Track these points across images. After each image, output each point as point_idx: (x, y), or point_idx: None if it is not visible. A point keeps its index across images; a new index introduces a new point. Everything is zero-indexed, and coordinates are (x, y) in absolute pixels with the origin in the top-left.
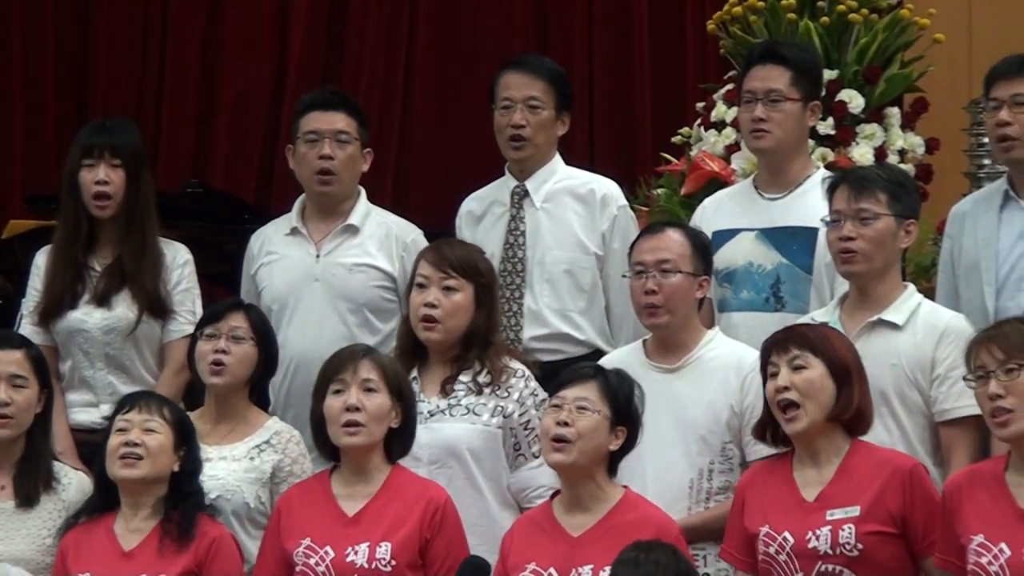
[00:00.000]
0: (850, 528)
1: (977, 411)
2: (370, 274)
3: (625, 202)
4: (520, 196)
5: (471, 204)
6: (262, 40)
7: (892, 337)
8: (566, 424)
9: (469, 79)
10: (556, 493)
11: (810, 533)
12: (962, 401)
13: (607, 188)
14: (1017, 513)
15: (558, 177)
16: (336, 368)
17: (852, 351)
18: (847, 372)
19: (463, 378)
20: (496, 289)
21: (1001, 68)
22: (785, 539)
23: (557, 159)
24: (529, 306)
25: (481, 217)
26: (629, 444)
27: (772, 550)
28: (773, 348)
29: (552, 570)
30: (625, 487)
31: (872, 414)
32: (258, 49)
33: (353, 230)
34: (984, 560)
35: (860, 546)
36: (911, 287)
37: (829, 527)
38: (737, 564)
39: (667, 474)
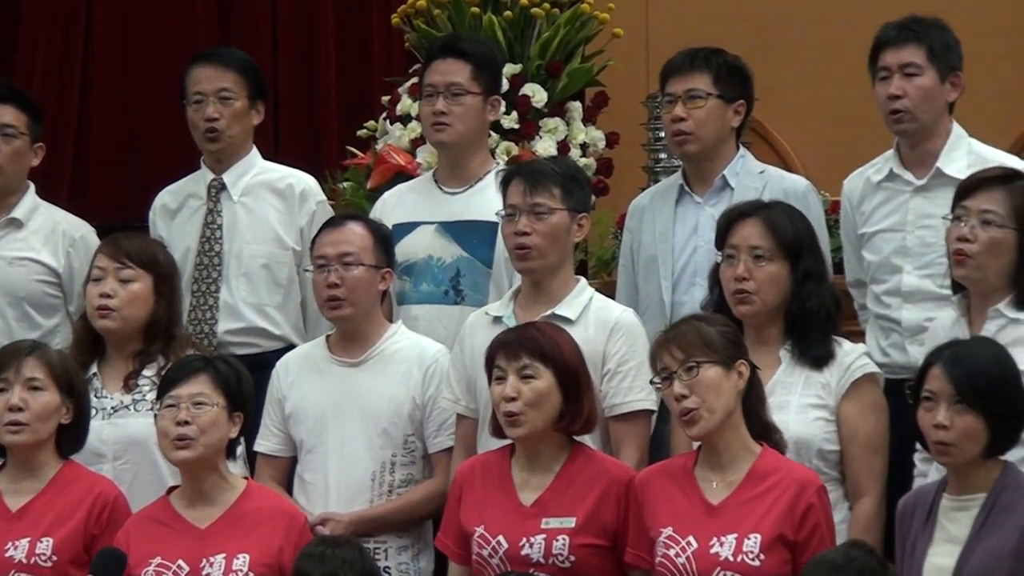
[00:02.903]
0: (564, 539)
1: (646, 406)
2: (32, 268)
3: (324, 197)
4: (217, 190)
5: (165, 197)
6: None
7: None
8: (186, 423)
9: (150, 71)
10: (173, 488)
11: (524, 540)
12: (631, 396)
13: (306, 183)
14: (706, 507)
15: (256, 171)
16: None
17: (580, 356)
18: (576, 381)
19: (147, 372)
20: (177, 280)
21: (675, 63)
22: (499, 543)
23: (255, 153)
24: (225, 300)
25: (176, 211)
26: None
27: (486, 552)
28: (502, 351)
29: (181, 562)
30: (247, 478)
31: (596, 417)
32: None
33: (17, 224)
34: (672, 552)
35: (572, 558)
36: (582, 281)
37: (544, 536)
38: (451, 555)
39: (350, 467)
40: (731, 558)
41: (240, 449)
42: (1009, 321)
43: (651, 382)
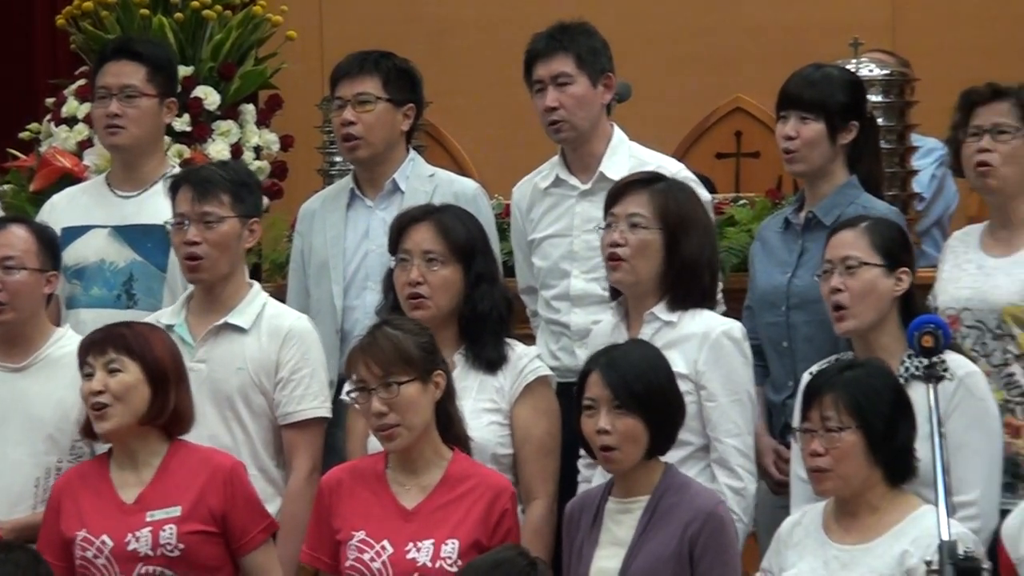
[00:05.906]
0: (171, 528)
1: (320, 413)
2: None
3: None
4: None
5: None
6: None
7: (238, 341)
8: None
9: None
10: None
11: (130, 535)
12: (304, 404)
13: None
14: (400, 511)
15: None
16: None
17: (172, 353)
18: (164, 376)
19: None
20: None
21: (344, 67)
22: (104, 542)
23: None
24: None
25: None
26: None
27: (90, 554)
28: (90, 349)
29: None
30: None
31: (192, 416)
32: None
33: None
34: (366, 556)
35: (181, 546)
36: (256, 287)
37: (149, 528)
38: (54, 568)
39: (11, 473)
40: (429, 563)
41: None
42: (664, 324)
43: (346, 393)
